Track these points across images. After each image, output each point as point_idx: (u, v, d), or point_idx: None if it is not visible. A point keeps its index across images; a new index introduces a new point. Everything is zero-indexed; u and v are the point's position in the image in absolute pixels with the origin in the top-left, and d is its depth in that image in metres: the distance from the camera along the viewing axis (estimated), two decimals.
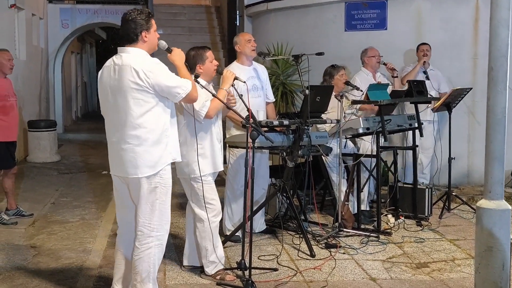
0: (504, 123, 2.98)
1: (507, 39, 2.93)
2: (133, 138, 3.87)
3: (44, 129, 11.32)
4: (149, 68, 3.83)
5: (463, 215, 6.88)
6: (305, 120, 5.38)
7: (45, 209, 7.38)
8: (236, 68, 5.82)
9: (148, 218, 3.95)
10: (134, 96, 3.83)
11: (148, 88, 3.82)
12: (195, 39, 13.91)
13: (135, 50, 3.92)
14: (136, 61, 3.85)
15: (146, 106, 3.86)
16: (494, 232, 3.02)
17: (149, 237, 3.97)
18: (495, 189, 3.05)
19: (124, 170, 3.93)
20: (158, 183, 3.95)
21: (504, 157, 3.10)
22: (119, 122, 3.91)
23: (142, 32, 3.92)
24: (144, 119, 3.86)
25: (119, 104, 3.88)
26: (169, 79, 3.87)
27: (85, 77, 24.10)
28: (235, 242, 5.71)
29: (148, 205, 3.94)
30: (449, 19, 8.48)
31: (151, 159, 3.90)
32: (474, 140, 8.33)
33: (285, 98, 9.36)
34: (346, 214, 6.12)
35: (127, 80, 3.82)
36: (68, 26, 15.33)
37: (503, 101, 2.96)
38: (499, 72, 2.94)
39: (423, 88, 6.58)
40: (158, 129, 3.91)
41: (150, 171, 3.90)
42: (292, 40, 9.50)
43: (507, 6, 2.86)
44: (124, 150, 3.90)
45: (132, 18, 3.92)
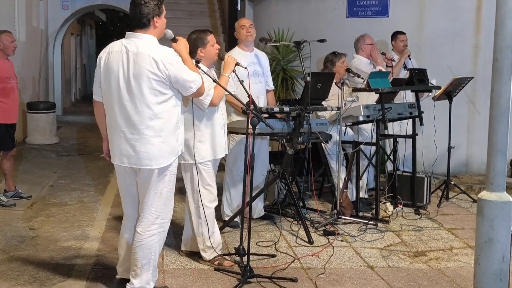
0: (508, 115, 2.97)
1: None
2: (149, 129, 3.80)
3: (43, 111, 11.30)
4: (169, 59, 3.77)
5: (461, 204, 6.90)
6: (306, 107, 5.36)
7: (43, 192, 7.38)
8: (238, 54, 5.80)
9: (155, 205, 3.94)
10: (151, 86, 3.75)
11: (166, 80, 3.77)
12: (195, 23, 13.81)
13: (147, 37, 3.82)
14: (155, 50, 3.76)
15: (162, 97, 3.80)
16: (495, 223, 3.01)
17: (153, 224, 3.96)
18: (497, 181, 3.04)
19: (137, 161, 3.84)
20: (168, 171, 3.94)
21: (507, 147, 3.09)
22: (132, 111, 3.79)
23: (154, 18, 3.83)
24: (161, 110, 3.81)
25: (134, 93, 3.77)
26: (185, 73, 3.84)
27: (84, 59, 24.00)
28: (233, 227, 5.72)
29: (156, 193, 3.92)
30: (452, 7, 8.41)
31: (167, 150, 3.86)
32: (473, 130, 8.31)
33: (285, 84, 9.32)
34: (344, 201, 6.13)
35: (145, 70, 3.72)
36: (68, 8, 15.22)
37: (507, 92, 2.94)
38: (504, 63, 2.92)
39: (424, 76, 6.56)
40: (173, 120, 3.88)
41: (164, 162, 3.87)
42: (294, 26, 9.44)
43: None
44: (138, 140, 3.81)
45: (144, 2, 3.80)
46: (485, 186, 3.10)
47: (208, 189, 4.73)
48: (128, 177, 4.03)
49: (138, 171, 3.93)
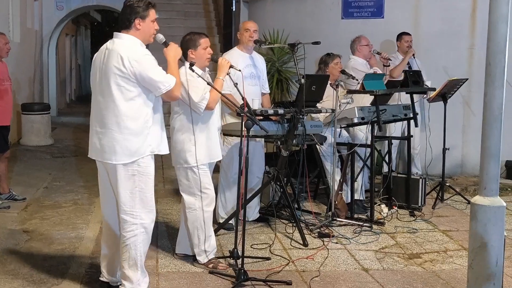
0: (501, 120, 2.97)
1: (505, 35, 2.91)
2: (114, 124, 3.86)
3: (38, 112, 11.27)
4: (135, 57, 3.80)
5: (456, 206, 6.90)
6: (300, 109, 5.36)
7: (38, 193, 7.36)
8: (236, 54, 5.81)
9: (129, 205, 3.95)
10: (117, 82, 3.81)
11: (130, 76, 3.80)
12: (190, 24, 13.82)
13: (127, 37, 3.90)
14: (125, 48, 3.83)
15: (128, 94, 3.83)
16: (488, 228, 3.01)
17: (133, 224, 3.97)
18: (490, 186, 3.04)
19: (101, 154, 3.93)
20: (136, 171, 3.93)
21: (500, 152, 3.08)
22: (102, 106, 3.89)
23: (136, 19, 3.88)
24: (126, 107, 3.84)
25: (103, 88, 3.88)
26: (153, 72, 3.83)
27: (79, 59, 23.96)
28: (228, 230, 5.71)
29: (127, 192, 3.93)
30: (447, 8, 8.43)
31: (129, 148, 3.88)
32: (468, 131, 8.33)
33: (280, 85, 9.33)
34: (339, 203, 6.12)
35: (112, 66, 3.81)
36: (63, 8, 15.19)
37: (500, 97, 2.94)
38: (497, 68, 2.92)
39: (419, 78, 6.57)
40: (139, 119, 3.88)
41: (126, 159, 3.89)
42: (289, 27, 9.44)
43: (506, 1, 2.83)
44: (103, 134, 3.90)
45: (129, 4, 3.91)
46: (478, 191, 3.10)
47: (206, 192, 4.72)
48: (102, 173, 4.10)
49: (106, 167, 3.98)
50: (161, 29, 13.45)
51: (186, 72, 4.54)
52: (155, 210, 4.10)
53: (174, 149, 4.70)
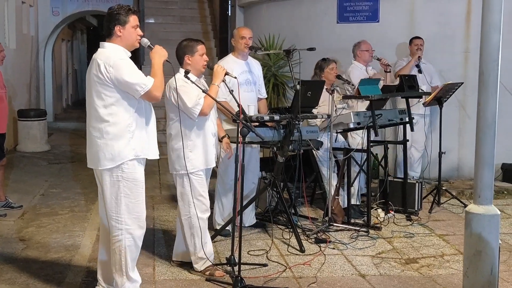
0: (495, 128, 2.97)
1: (498, 44, 2.92)
2: (96, 131, 3.95)
3: (34, 119, 11.25)
4: (110, 62, 3.84)
5: (453, 210, 6.91)
6: (296, 115, 5.36)
7: (34, 201, 7.35)
8: (231, 61, 5.81)
9: (114, 211, 3.99)
10: (96, 89, 3.90)
11: (108, 82, 3.85)
12: (186, 28, 13.82)
13: (109, 45, 3.97)
14: (103, 55, 3.90)
15: (108, 100, 3.89)
16: (483, 236, 3.02)
17: (118, 229, 4.01)
18: (485, 194, 3.04)
19: (90, 161, 4.06)
20: (121, 176, 3.96)
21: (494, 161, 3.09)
22: (87, 114, 4.02)
23: (116, 27, 3.93)
24: (106, 112, 3.90)
25: (87, 96, 4.00)
26: (129, 75, 3.86)
27: (75, 64, 23.94)
28: (225, 236, 5.71)
29: (112, 197, 3.98)
30: (442, 12, 8.45)
31: (111, 153, 3.92)
32: (464, 134, 8.34)
33: (277, 90, 9.33)
34: (336, 208, 6.13)
35: (92, 73, 3.90)
36: (59, 14, 15.17)
37: (493, 105, 2.94)
38: (490, 76, 2.93)
39: (414, 82, 6.58)
40: (120, 123, 3.92)
41: (109, 163, 3.94)
42: (284, 32, 9.46)
43: (498, 10, 2.84)
44: (89, 141, 4.02)
45: (110, 12, 3.99)
46: (472, 199, 3.10)
47: (200, 199, 4.72)
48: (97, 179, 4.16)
49: (96, 173, 4.07)
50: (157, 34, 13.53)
51: (181, 78, 4.55)
52: (144, 217, 4.10)
53: (170, 155, 4.71)
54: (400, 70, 7.50)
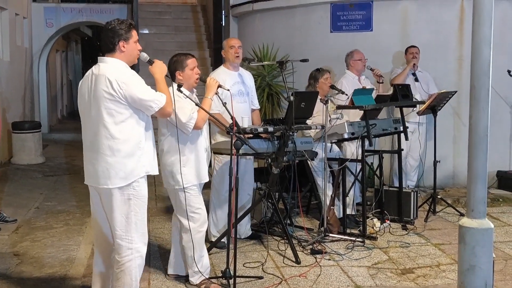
0: (487, 142, 2.97)
1: (489, 58, 2.92)
2: (106, 149, 3.85)
3: (29, 131, 11.22)
4: (123, 79, 3.80)
5: (449, 218, 6.90)
6: (290, 126, 5.36)
7: (29, 214, 7.31)
8: (222, 73, 5.80)
9: (124, 230, 3.92)
10: (107, 106, 3.81)
11: (121, 99, 3.80)
12: (180, 38, 13.85)
13: (112, 60, 3.90)
14: (112, 71, 3.83)
15: (119, 117, 3.84)
16: (477, 250, 3.01)
17: (128, 249, 3.94)
18: (478, 208, 3.03)
19: (96, 180, 3.90)
20: (132, 194, 3.92)
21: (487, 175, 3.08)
22: (93, 131, 3.89)
23: (120, 42, 3.89)
24: (117, 129, 3.84)
25: (93, 113, 3.87)
26: (142, 92, 3.84)
27: (70, 75, 23.91)
28: (220, 248, 5.68)
29: (123, 216, 3.91)
30: (435, 20, 8.48)
31: (124, 171, 3.87)
32: (459, 141, 8.35)
33: (271, 100, 9.32)
34: (331, 218, 6.12)
35: (101, 90, 3.81)
36: (53, 25, 15.16)
37: (485, 119, 2.94)
38: (481, 90, 2.93)
39: (408, 92, 6.58)
40: (131, 140, 3.88)
41: (121, 182, 3.87)
42: (278, 41, 9.47)
43: (489, 24, 2.84)
44: (97, 160, 3.88)
45: (111, 27, 3.91)
46: (465, 213, 3.09)
47: (198, 212, 4.69)
48: (95, 199, 4.08)
49: (99, 191, 3.95)
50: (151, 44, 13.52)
51: (174, 93, 4.53)
52: (147, 233, 4.08)
53: (164, 171, 4.69)
54: (395, 78, 7.52)
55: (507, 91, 8.33)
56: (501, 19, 8.23)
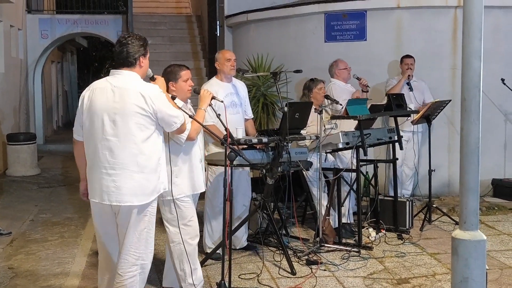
0: (478, 154, 2.97)
1: (479, 70, 2.93)
2: (133, 165, 3.79)
3: (24, 142, 11.21)
4: (155, 94, 3.82)
5: (444, 227, 6.89)
6: (284, 137, 5.36)
7: (23, 227, 7.29)
8: (215, 84, 5.80)
9: (134, 246, 3.90)
10: (137, 121, 3.77)
11: (152, 115, 3.80)
12: (175, 49, 13.86)
13: (133, 74, 3.88)
14: (142, 86, 3.82)
15: (147, 132, 3.82)
16: (470, 263, 3.01)
17: (134, 265, 3.92)
18: (470, 220, 3.03)
19: (119, 197, 3.80)
20: (148, 211, 3.91)
21: (479, 186, 3.09)
22: (116, 146, 3.78)
23: (141, 57, 3.90)
24: (145, 145, 3.82)
25: (119, 128, 3.77)
26: (170, 108, 3.91)
27: (66, 86, 23.90)
28: (216, 260, 5.66)
29: (136, 233, 3.88)
30: (428, 29, 8.52)
31: (148, 187, 3.85)
32: (454, 150, 8.36)
33: (266, 110, 9.34)
34: (327, 228, 6.11)
35: (132, 104, 3.75)
36: (48, 37, 15.18)
37: (476, 132, 2.95)
38: (472, 102, 2.94)
39: (402, 101, 6.60)
40: (155, 157, 3.88)
41: (145, 199, 3.85)
42: (273, 51, 9.50)
43: (479, 37, 2.85)
44: (120, 176, 3.78)
45: (131, 42, 3.88)
46: (458, 225, 3.09)
47: (190, 224, 4.68)
48: (106, 216, 3.97)
49: (117, 210, 3.87)
50: None
51: None
52: (153, 249, 4.08)
53: None
54: (391, 89, 7.52)
55: (501, 99, 8.36)
56: (493, 27, 8.28)
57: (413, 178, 7.93)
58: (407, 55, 7.86)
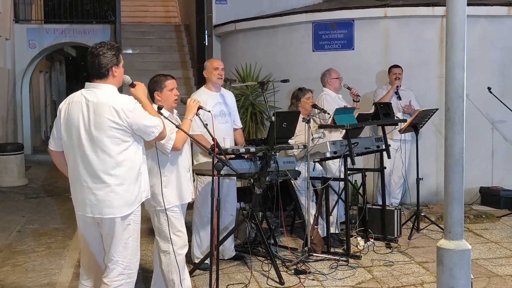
0: (462, 163, 2.98)
1: (463, 81, 2.94)
2: (112, 178, 3.78)
3: (11, 153, 11.16)
4: (129, 107, 3.78)
5: (432, 236, 6.90)
6: (272, 146, 5.36)
7: (10, 238, 7.23)
8: (204, 94, 5.80)
9: (121, 256, 3.89)
10: (111, 135, 3.75)
11: (127, 128, 3.78)
12: (164, 58, 13.84)
13: (107, 87, 3.83)
14: (114, 99, 3.77)
15: (124, 145, 3.80)
16: (455, 272, 3.01)
17: (121, 274, 3.90)
18: (455, 229, 3.04)
19: (100, 210, 3.80)
20: (132, 220, 3.90)
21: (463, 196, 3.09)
22: (94, 161, 3.78)
23: (113, 68, 3.86)
24: (123, 158, 3.80)
25: (96, 142, 3.76)
26: (146, 119, 3.85)
27: (54, 95, 23.81)
28: (204, 270, 5.64)
29: (121, 243, 3.87)
30: (416, 38, 8.58)
31: (130, 198, 3.84)
32: (442, 158, 8.18)
33: (255, 119, 9.34)
34: (315, 238, 6.10)
35: (105, 119, 3.73)
36: (36, 46, 15.11)
37: (460, 142, 2.96)
38: (455, 113, 2.95)
39: (389, 110, 6.62)
40: (135, 167, 3.87)
41: (127, 210, 3.84)
42: (261, 61, 9.52)
43: (462, 47, 2.87)
44: (101, 189, 3.78)
45: (102, 53, 3.83)
46: (443, 234, 3.10)
47: (178, 235, 4.66)
48: (90, 228, 3.96)
49: (100, 221, 3.87)
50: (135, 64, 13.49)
51: None
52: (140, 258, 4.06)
53: None
54: (380, 99, 7.54)
55: (488, 108, 8.42)
56: (480, 36, 8.35)
57: (402, 186, 7.95)
58: (395, 65, 7.90)
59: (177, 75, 10.92)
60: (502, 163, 8.59)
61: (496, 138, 8.57)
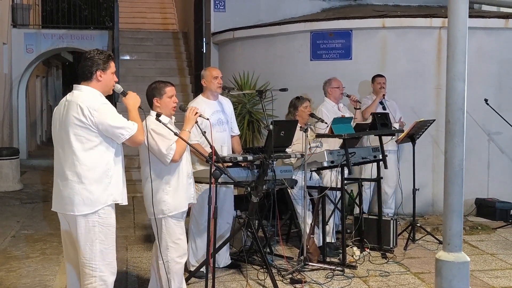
0: (462, 176, 2.99)
1: (463, 93, 2.95)
2: (73, 175, 3.86)
3: (6, 157, 11.09)
4: (95, 106, 3.83)
5: (428, 246, 6.90)
6: (269, 155, 5.36)
7: (5, 243, 7.19)
8: (202, 102, 5.80)
9: (88, 258, 3.91)
10: (76, 133, 3.84)
11: (91, 126, 3.83)
12: (161, 65, 13.85)
13: (87, 89, 3.94)
14: (84, 98, 3.86)
15: (89, 144, 3.86)
16: (453, 284, 3.01)
17: (92, 277, 3.92)
18: (454, 241, 3.04)
19: (63, 206, 3.91)
20: (97, 222, 3.90)
21: (462, 207, 3.09)
22: (61, 157, 3.91)
23: (97, 71, 3.94)
24: (85, 156, 3.85)
25: (63, 139, 3.90)
26: (114, 120, 3.87)
27: (50, 100, 23.77)
28: (199, 278, 5.62)
29: (87, 244, 3.90)
30: (413, 49, 8.60)
31: (89, 198, 3.87)
32: (438, 169, 8.40)
33: (252, 127, 9.33)
34: (311, 247, 6.09)
35: (71, 116, 3.84)
36: (33, 51, 15.09)
37: (460, 154, 2.96)
38: (456, 125, 2.95)
39: (387, 120, 6.63)
40: (99, 168, 3.89)
41: (86, 209, 3.87)
42: (259, 69, 9.52)
43: (463, 60, 2.88)
44: (64, 186, 3.89)
45: (90, 56, 3.96)
46: (442, 246, 3.10)
47: (178, 243, 4.65)
48: (64, 225, 4.06)
49: (67, 218, 3.94)
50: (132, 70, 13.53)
51: (153, 121, 4.52)
52: (115, 262, 4.05)
53: (146, 200, 4.64)
54: (367, 109, 7.55)
55: (484, 120, 8.44)
56: (477, 48, 8.37)
57: (394, 196, 7.93)
58: (378, 74, 7.89)
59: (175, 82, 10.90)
60: (498, 175, 8.61)
61: (492, 149, 8.59)
